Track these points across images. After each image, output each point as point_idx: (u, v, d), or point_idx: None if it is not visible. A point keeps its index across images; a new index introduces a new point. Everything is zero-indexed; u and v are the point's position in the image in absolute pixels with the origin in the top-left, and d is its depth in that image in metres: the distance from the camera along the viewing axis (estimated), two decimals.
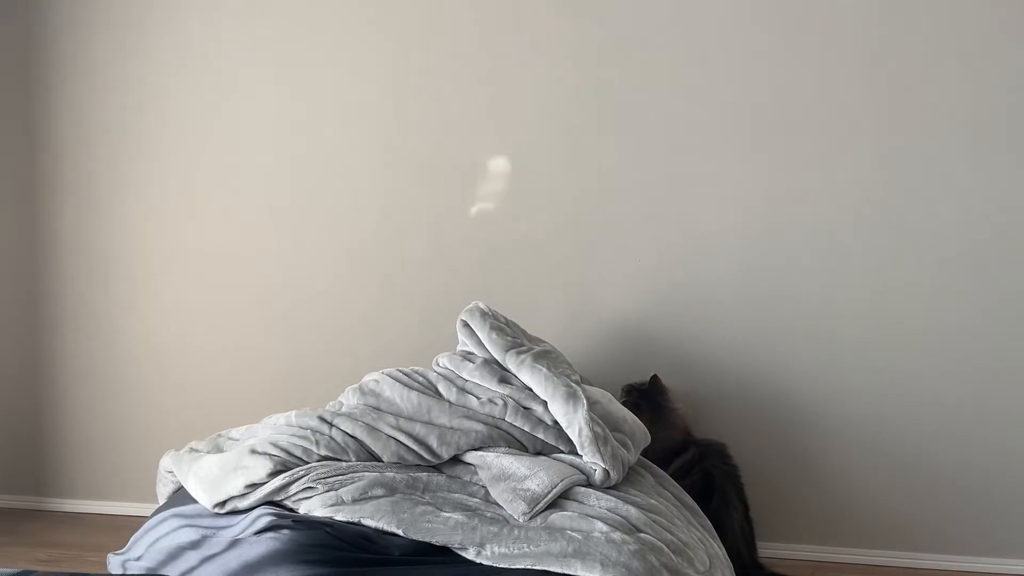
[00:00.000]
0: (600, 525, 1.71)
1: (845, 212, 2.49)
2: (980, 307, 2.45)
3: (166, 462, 2.11)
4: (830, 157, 2.49)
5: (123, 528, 2.25)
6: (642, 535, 1.72)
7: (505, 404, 2.03)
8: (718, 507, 2.25)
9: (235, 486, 1.85)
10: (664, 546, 1.71)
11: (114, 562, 1.91)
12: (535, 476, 1.85)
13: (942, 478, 2.50)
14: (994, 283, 2.44)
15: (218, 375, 2.84)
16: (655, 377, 2.47)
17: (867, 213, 2.49)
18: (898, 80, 2.45)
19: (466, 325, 2.23)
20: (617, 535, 1.67)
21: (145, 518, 1.98)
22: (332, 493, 1.79)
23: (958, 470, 2.48)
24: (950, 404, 2.48)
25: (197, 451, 2.08)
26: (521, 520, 1.76)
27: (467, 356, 2.20)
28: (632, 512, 1.80)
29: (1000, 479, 2.46)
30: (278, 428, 2.01)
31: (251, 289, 2.81)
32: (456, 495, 1.86)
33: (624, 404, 2.29)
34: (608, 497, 1.84)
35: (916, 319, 2.48)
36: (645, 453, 2.23)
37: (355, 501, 1.77)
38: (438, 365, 2.20)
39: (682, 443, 2.39)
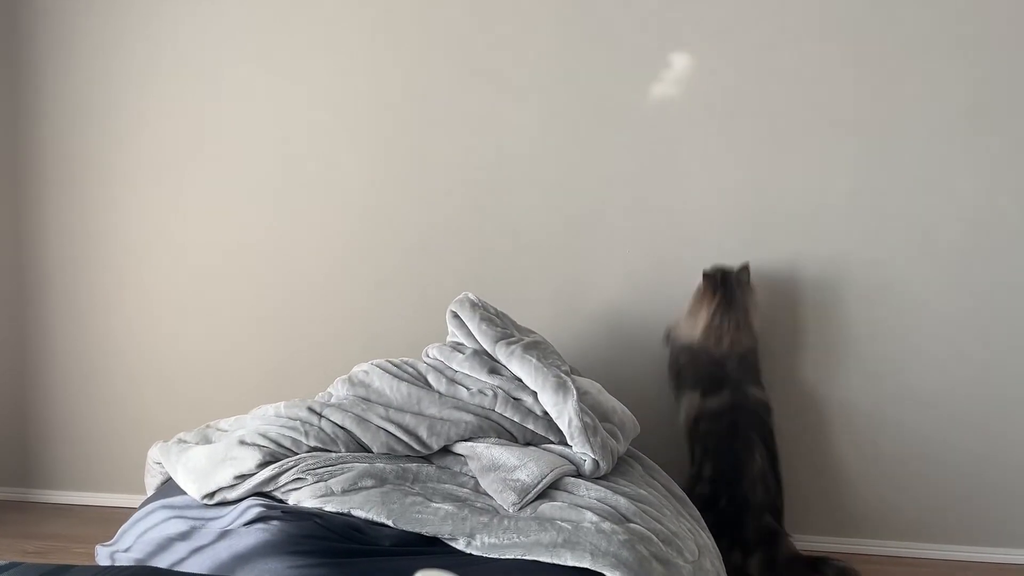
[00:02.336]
0: (590, 515, 1.72)
1: (834, 202, 2.51)
2: (972, 294, 2.47)
3: (154, 453, 2.10)
4: (818, 147, 2.50)
5: (111, 520, 2.24)
6: (631, 525, 1.73)
7: (495, 395, 2.03)
8: (739, 449, 2.32)
9: (224, 477, 1.84)
10: (653, 536, 1.72)
11: (102, 554, 1.89)
12: (525, 467, 1.85)
13: (936, 467, 2.52)
14: (985, 271, 2.46)
15: (207, 366, 2.83)
16: (746, 267, 2.43)
17: (855, 202, 2.50)
18: (886, 69, 2.46)
19: (456, 316, 2.23)
20: (607, 525, 1.68)
21: (133, 509, 1.96)
22: (322, 484, 1.78)
23: (958, 461, 2.51)
24: (944, 392, 2.51)
25: (185, 442, 2.07)
26: (511, 510, 1.76)
27: (457, 347, 2.19)
28: (621, 502, 1.80)
29: (1004, 469, 2.49)
30: (267, 419, 2.00)
31: (241, 281, 2.80)
32: (446, 486, 1.86)
33: (704, 283, 2.36)
34: (598, 487, 1.84)
35: (904, 307, 2.50)
36: (707, 352, 2.34)
37: (345, 492, 1.77)
38: (428, 356, 2.20)
39: (725, 367, 2.38)
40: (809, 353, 2.55)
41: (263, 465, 1.84)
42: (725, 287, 2.39)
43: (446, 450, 1.97)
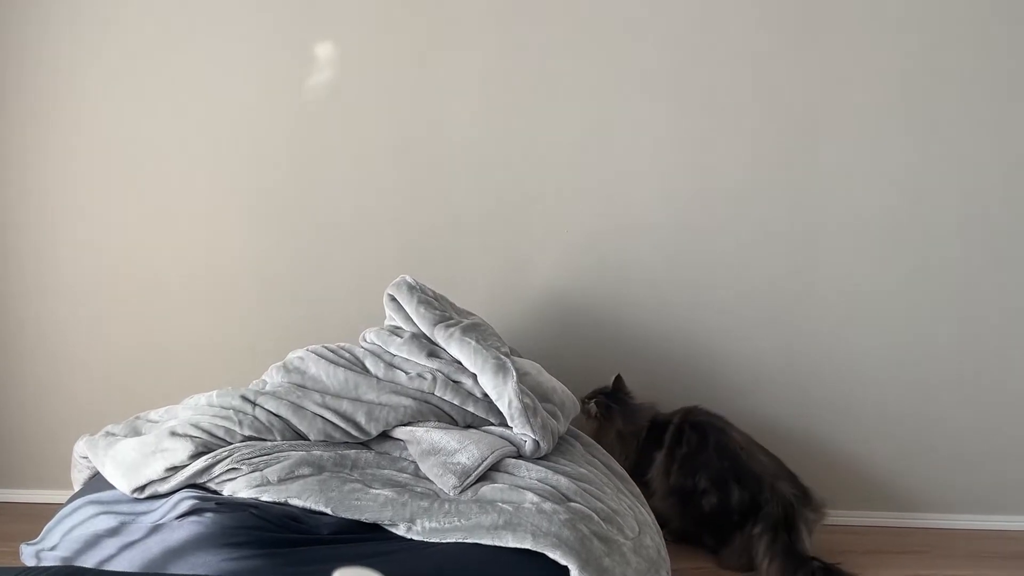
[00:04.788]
0: (531, 496, 1.72)
1: (769, 185, 2.55)
2: (900, 269, 2.54)
3: (80, 447, 2.03)
4: (755, 126, 2.53)
5: (36, 516, 2.16)
6: (572, 504, 1.74)
7: (434, 378, 2.02)
8: (716, 439, 2.33)
9: (155, 470, 1.79)
10: (594, 514, 1.73)
11: (27, 552, 1.83)
12: (465, 449, 1.84)
13: (865, 438, 2.60)
14: (911, 248, 2.53)
15: (135, 355, 2.74)
16: (618, 377, 2.49)
17: (790, 186, 2.54)
18: (821, 46, 2.49)
19: (393, 299, 2.20)
20: (548, 505, 1.68)
21: (60, 506, 1.90)
22: (257, 474, 1.75)
23: (881, 429, 2.59)
24: (869, 367, 2.58)
25: (114, 435, 2.00)
26: (452, 494, 1.75)
27: (395, 331, 2.17)
28: (562, 482, 1.81)
29: (923, 437, 2.58)
30: (199, 409, 1.95)
31: (170, 266, 2.71)
32: (385, 471, 1.84)
33: (596, 406, 2.40)
34: (538, 468, 1.85)
35: (838, 288, 2.56)
36: (627, 446, 2.35)
37: (281, 481, 1.73)
38: (365, 340, 2.17)
39: (658, 421, 2.43)
40: (736, 327, 2.59)
41: (196, 456, 1.80)
42: (618, 404, 2.45)
43: (385, 435, 1.95)
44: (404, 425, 1.94)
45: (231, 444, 1.84)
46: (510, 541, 1.58)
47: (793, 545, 2.17)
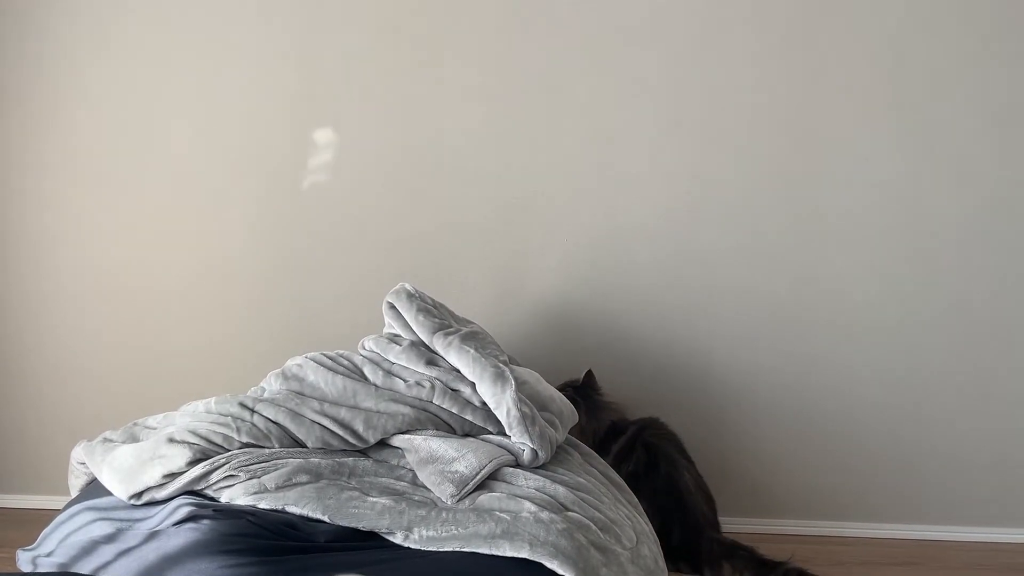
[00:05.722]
0: (528, 505, 1.72)
1: (766, 192, 2.56)
2: (898, 274, 2.55)
3: (78, 453, 2.02)
4: (753, 132, 2.54)
5: (33, 522, 2.16)
6: (570, 513, 1.74)
7: (432, 386, 2.02)
8: (668, 471, 2.33)
9: (152, 476, 1.79)
10: (591, 524, 1.73)
11: (23, 558, 1.82)
12: (463, 458, 1.84)
13: (860, 448, 2.61)
14: (907, 261, 2.54)
15: (133, 361, 2.74)
16: (589, 372, 2.50)
17: (787, 194, 2.55)
18: (814, 59, 2.51)
19: (392, 307, 2.20)
20: (545, 514, 1.68)
21: (57, 512, 1.89)
22: (255, 481, 1.75)
23: (877, 440, 2.60)
24: (864, 376, 2.58)
25: (111, 441, 2.00)
26: (449, 502, 1.75)
27: (394, 338, 2.17)
28: (560, 491, 1.81)
29: (918, 448, 2.59)
30: (197, 415, 1.95)
31: (167, 272, 2.71)
32: (383, 479, 1.84)
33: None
34: (536, 477, 1.85)
35: (832, 299, 2.57)
36: (585, 443, 2.30)
37: (279, 488, 1.73)
38: (364, 348, 2.17)
39: (619, 426, 2.44)
40: (733, 334, 2.60)
41: (193, 463, 1.80)
42: (585, 399, 2.44)
43: (383, 443, 1.95)
44: (402, 433, 1.94)
45: (229, 451, 1.84)
46: (507, 550, 1.58)
47: (755, 554, 2.20)
